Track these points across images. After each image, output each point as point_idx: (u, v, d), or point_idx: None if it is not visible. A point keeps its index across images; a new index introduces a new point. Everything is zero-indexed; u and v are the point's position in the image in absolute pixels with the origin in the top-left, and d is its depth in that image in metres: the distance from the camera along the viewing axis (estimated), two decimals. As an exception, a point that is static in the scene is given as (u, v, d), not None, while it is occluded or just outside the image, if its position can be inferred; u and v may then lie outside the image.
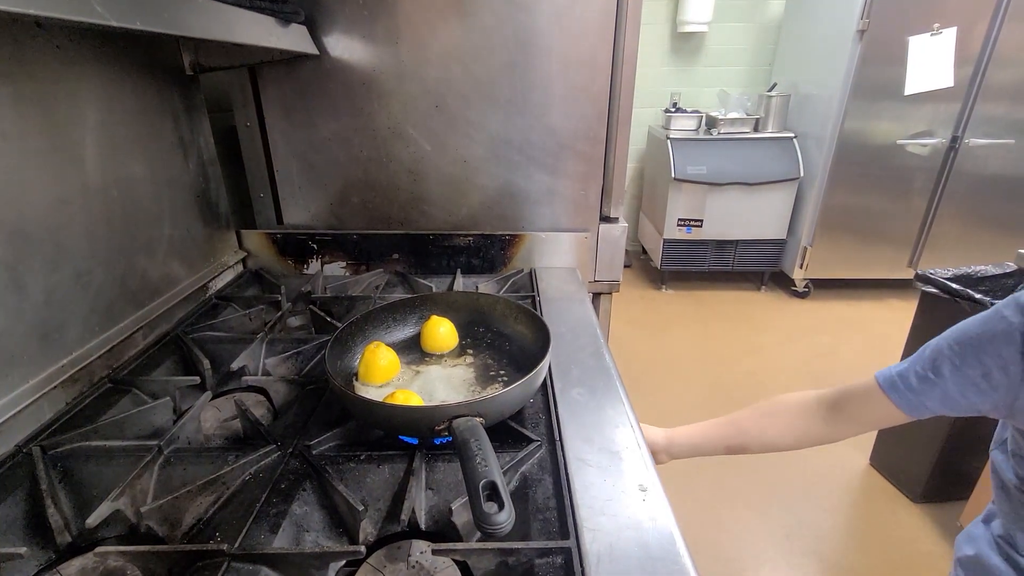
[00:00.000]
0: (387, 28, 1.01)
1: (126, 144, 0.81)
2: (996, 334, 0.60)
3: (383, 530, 0.53)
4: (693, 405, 2.29)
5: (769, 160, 2.99)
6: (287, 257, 1.15)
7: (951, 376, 0.63)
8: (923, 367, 0.66)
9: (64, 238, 0.69)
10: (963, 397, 0.63)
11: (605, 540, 0.49)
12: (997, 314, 0.60)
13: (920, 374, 0.66)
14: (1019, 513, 0.67)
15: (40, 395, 0.63)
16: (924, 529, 1.66)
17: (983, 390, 0.61)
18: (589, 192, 1.13)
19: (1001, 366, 0.59)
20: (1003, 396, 0.61)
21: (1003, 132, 2.76)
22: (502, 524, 0.41)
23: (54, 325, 0.67)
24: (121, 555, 0.48)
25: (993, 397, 0.61)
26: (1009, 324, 0.58)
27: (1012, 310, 0.59)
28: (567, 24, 1.00)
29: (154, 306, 0.86)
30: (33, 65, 0.64)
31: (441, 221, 1.16)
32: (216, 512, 0.53)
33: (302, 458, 0.59)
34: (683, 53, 3.45)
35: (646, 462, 0.59)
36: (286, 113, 1.08)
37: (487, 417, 0.57)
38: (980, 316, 0.63)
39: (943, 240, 3.00)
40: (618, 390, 0.72)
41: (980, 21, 2.56)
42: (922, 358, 0.67)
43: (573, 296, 1.01)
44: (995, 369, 0.60)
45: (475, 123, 1.08)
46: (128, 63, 0.81)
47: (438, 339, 0.78)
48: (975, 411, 0.64)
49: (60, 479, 0.57)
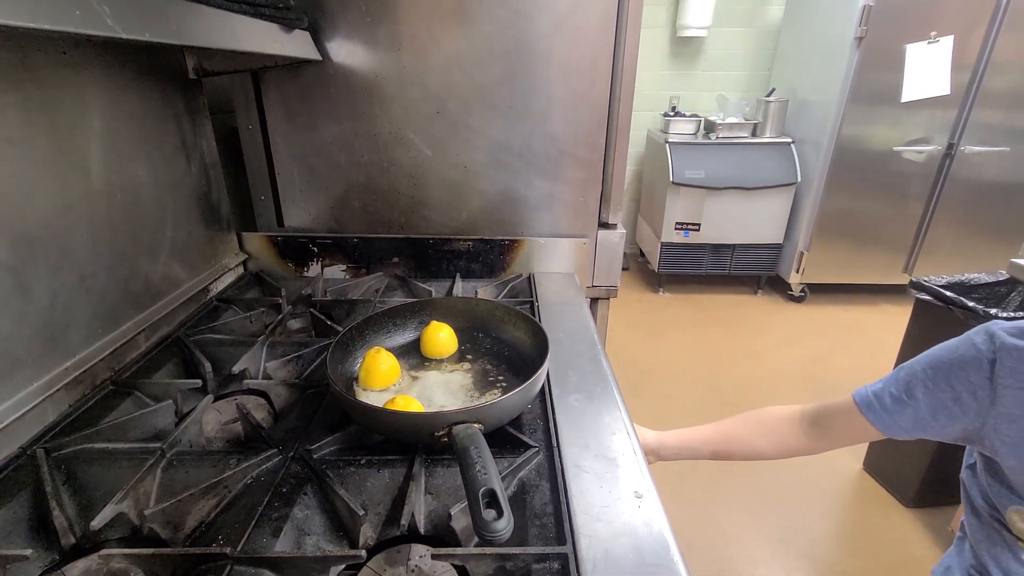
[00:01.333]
0: (389, 34, 1.01)
1: (130, 148, 0.81)
2: (967, 360, 0.62)
3: (383, 534, 0.54)
4: (689, 408, 2.30)
5: (767, 165, 3.00)
6: (288, 260, 1.16)
7: (924, 398, 0.65)
8: (897, 389, 0.68)
9: (68, 242, 0.69)
10: (934, 419, 0.65)
11: (601, 546, 0.50)
12: (968, 341, 0.63)
13: (895, 395, 0.68)
14: (990, 537, 0.69)
15: (44, 397, 0.64)
16: (916, 533, 1.67)
17: (954, 414, 0.64)
18: (588, 198, 1.14)
19: (971, 391, 0.62)
20: (972, 420, 0.63)
21: (998, 140, 2.78)
22: (501, 531, 0.42)
23: (58, 328, 0.68)
24: (125, 557, 0.48)
25: (963, 421, 0.64)
26: (979, 351, 0.61)
27: (982, 338, 0.61)
28: (568, 31, 1.01)
29: (156, 308, 0.87)
30: (40, 71, 0.64)
31: (441, 225, 1.17)
32: (218, 515, 0.54)
33: (303, 462, 0.60)
34: (682, 57, 3.47)
35: (642, 469, 0.60)
36: (288, 116, 1.09)
37: (486, 423, 0.58)
38: (953, 341, 0.65)
39: (938, 246, 3.02)
40: (615, 396, 0.73)
41: (976, 29, 2.58)
42: (897, 379, 0.69)
43: (571, 301, 1.02)
44: (965, 393, 0.62)
45: (476, 129, 1.09)
46: (133, 68, 0.81)
47: (438, 344, 0.79)
48: (946, 435, 0.67)
49: (64, 481, 0.58)
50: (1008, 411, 0.60)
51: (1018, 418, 0.59)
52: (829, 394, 0.76)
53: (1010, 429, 0.60)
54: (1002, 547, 0.68)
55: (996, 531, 0.68)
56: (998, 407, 0.60)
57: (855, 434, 0.74)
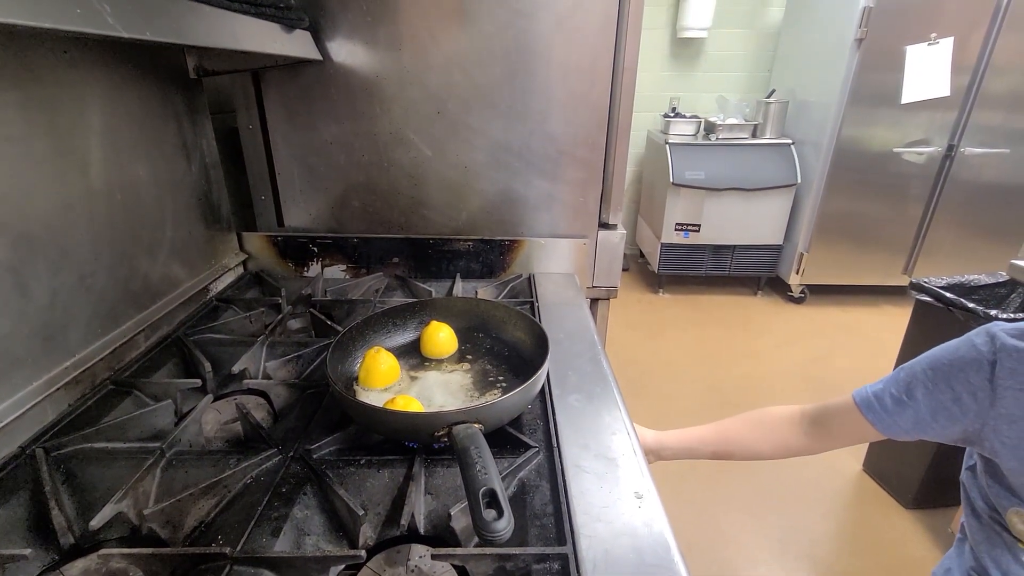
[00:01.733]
0: (390, 34, 1.01)
1: (130, 147, 0.81)
2: (967, 361, 0.62)
3: (383, 534, 0.54)
4: (689, 408, 2.30)
5: (767, 166, 3.01)
6: (288, 260, 1.16)
7: (924, 399, 0.65)
8: (898, 389, 0.68)
9: (68, 241, 0.69)
10: (934, 420, 0.65)
11: (601, 546, 0.50)
12: (969, 342, 0.63)
13: (895, 396, 0.68)
14: (990, 539, 0.69)
15: (43, 397, 0.64)
16: (916, 534, 1.67)
17: (954, 415, 0.64)
18: (588, 199, 1.14)
19: (971, 392, 0.62)
20: (972, 421, 0.63)
21: (998, 141, 2.78)
22: (501, 532, 0.42)
23: (57, 327, 0.67)
24: (124, 557, 0.48)
25: (963, 422, 0.64)
26: (979, 352, 0.61)
27: (983, 339, 0.62)
28: (568, 31, 1.01)
29: (155, 308, 0.87)
30: (40, 70, 0.64)
31: (441, 226, 1.17)
32: (218, 515, 0.53)
33: (303, 462, 0.60)
34: (683, 58, 3.47)
35: (642, 469, 0.60)
36: (288, 116, 1.09)
37: (486, 423, 0.57)
38: (954, 343, 0.65)
39: (938, 248, 3.02)
40: (615, 396, 0.73)
41: (977, 31, 2.58)
42: (897, 380, 0.69)
43: (571, 302, 1.02)
44: (965, 394, 0.62)
45: (476, 129, 1.09)
46: (133, 67, 0.81)
47: (438, 344, 0.79)
48: (946, 436, 0.67)
49: (63, 481, 0.58)
50: (1008, 412, 0.60)
51: (1018, 419, 0.59)
52: (829, 395, 0.76)
53: (1010, 430, 0.60)
54: (1002, 549, 0.68)
55: (996, 533, 0.68)
56: (998, 408, 0.60)
57: (855, 434, 0.74)
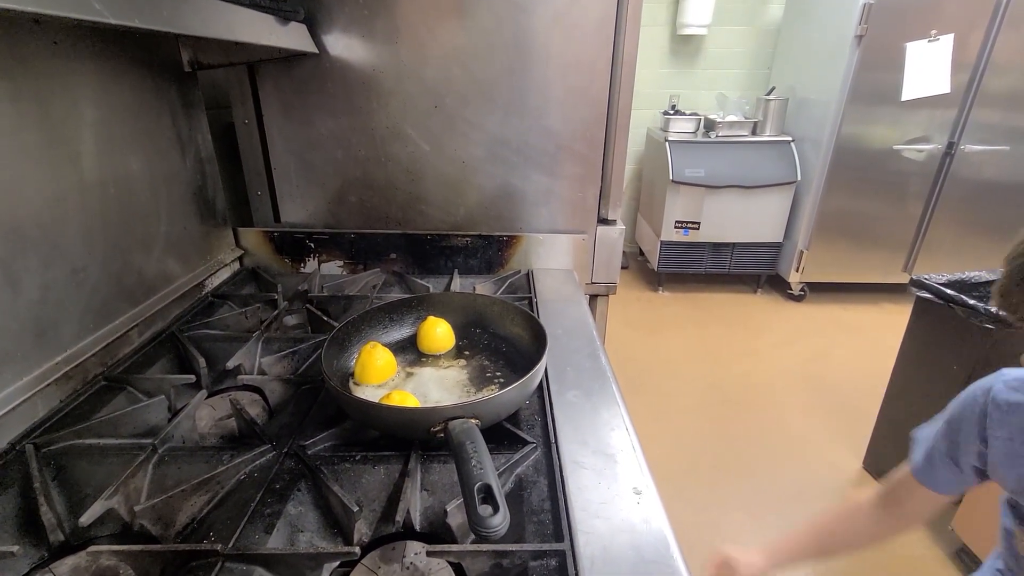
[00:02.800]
0: (387, 28, 1.00)
1: (123, 140, 0.80)
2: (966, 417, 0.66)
3: (378, 531, 0.53)
4: (688, 406, 2.29)
5: (766, 163, 3.00)
6: (284, 255, 1.15)
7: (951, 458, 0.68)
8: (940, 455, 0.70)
9: (59, 235, 0.68)
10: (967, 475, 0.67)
11: (599, 543, 0.49)
12: (972, 395, 0.66)
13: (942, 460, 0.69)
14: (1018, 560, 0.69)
15: (34, 392, 0.63)
16: (916, 534, 1.66)
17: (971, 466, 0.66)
18: (587, 194, 1.13)
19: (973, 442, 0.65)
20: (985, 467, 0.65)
21: (998, 138, 2.77)
22: (496, 527, 0.42)
23: (49, 322, 0.67)
24: (114, 554, 0.48)
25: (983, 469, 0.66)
26: (976, 403, 0.65)
27: (982, 390, 0.65)
28: (567, 26, 1.01)
29: (149, 303, 0.86)
30: (30, 61, 0.63)
31: (439, 221, 1.16)
32: (210, 512, 0.53)
33: (297, 458, 0.59)
34: (682, 55, 3.46)
35: (640, 465, 0.59)
36: (284, 111, 1.08)
37: (483, 419, 0.57)
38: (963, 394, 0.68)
39: (938, 245, 3.01)
40: (614, 393, 0.72)
41: (977, 28, 2.57)
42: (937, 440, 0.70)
43: (570, 298, 1.01)
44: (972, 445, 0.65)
45: (473, 124, 1.08)
46: (126, 59, 0.80)
47: (435, 340, 0.78)
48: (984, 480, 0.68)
49: (53, 477, 0.57)
50: (996, 460, 0.63)
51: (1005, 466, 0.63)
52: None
53: (1006, 475, 0.63)
54: None
55: None
56: (990, 456, 0.64)
57: (932, 508, 0.74)
